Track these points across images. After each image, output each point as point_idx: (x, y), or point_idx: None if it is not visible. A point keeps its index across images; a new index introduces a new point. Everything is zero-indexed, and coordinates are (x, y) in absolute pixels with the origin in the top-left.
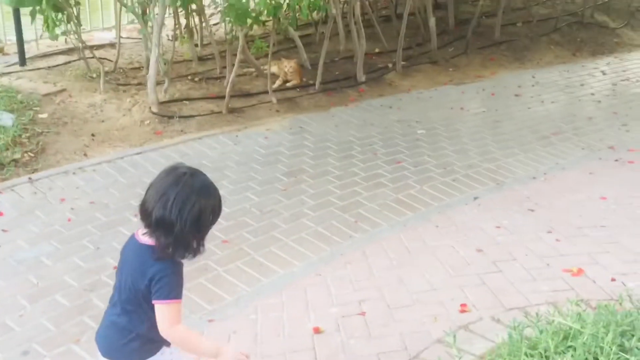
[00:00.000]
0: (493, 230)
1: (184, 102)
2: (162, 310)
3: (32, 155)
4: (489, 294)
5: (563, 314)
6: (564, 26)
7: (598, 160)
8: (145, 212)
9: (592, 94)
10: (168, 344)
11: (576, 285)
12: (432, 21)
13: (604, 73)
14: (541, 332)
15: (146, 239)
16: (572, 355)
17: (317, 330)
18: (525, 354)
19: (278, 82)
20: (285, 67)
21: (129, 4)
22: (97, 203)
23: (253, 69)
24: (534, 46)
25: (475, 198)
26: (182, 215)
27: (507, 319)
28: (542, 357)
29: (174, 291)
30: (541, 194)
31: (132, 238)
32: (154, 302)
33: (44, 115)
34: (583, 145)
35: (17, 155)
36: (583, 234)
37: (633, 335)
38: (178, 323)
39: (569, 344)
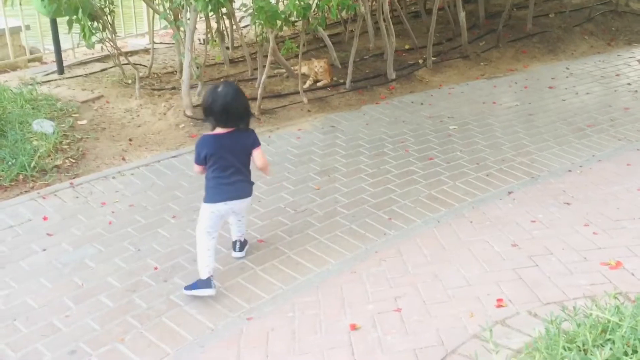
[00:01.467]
0: (528, 225)
1: None
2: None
3: (72, 161)
4: (526, 288)
5: (601, 307)
6: (598, 15)
7: (635, 151)
8: (220, 117)
9: (629, 84)
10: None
11: (614, 278)
12: (462, 15)
13: None
14: (579, 325)
15: (224, 130)
16: (610, 349)
17: (353, 327)
18: (563, 348)
19: (309, 82)
20: (316, 67)
21: (162, 10)
22: (136, 206)
23: (284, 70)
24: (568, 37)
25: (510, 192)
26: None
27: (544, 313)
28: (580, 350)
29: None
30: (577, 186)
31: (215, 135)
32: (254, 150)
33: (83, 122)
34: (620, 137)
35: (59, 162)
36: (621, 227)
37: None
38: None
39: (608, 337)
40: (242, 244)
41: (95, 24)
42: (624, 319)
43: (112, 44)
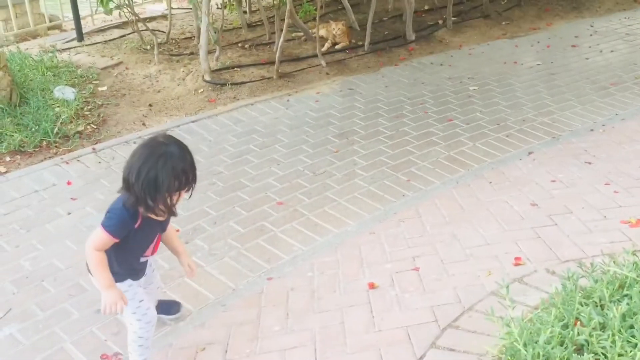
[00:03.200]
0: (548, 184)
1: (235, 69)
2: (95, 233)
3: (94, 126)
4: (544, 247)
5: (619, 263)
6: None
7: None
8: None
9: None
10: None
11: (634, 236)
12: None
13: None
14: (596, 281)
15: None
16: (627, 304)
17: (372, 286)
18: (580, 303)
19: (327, 45)
20: (334, 30)
21: None
22: None
23: (302, 33)
24: None
25: (530, 153)
26: (139, 178)
27: (562, 271)
28: (596, 306)
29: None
30: (599, 145)
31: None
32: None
33: (104, 88)
34: None
35: (81, 128)
36: None
37: None
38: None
39: (625, 292)
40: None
41: None
42: None
43: (130, 10)
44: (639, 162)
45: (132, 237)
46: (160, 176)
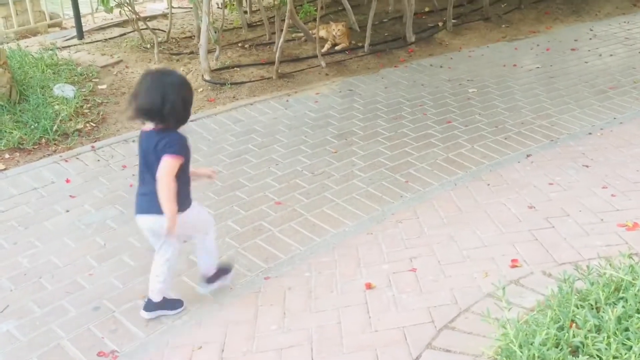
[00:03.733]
0: (546, 187)
1: (235, 69)
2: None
3: (93, 124)
4: (541, 249)
5: (615, 266)
6: None
7: None
8: (141, 110)
9: None
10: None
11: (631, 239)
12: None
13: None
14: (592, 284)
15: (149, 126)
16: (623, 306)
17: (369, 286)
18: (575, 306)
19: (327, 46)
20: (334, 31)
21: None
22: None
23: (302, 34)
24: None
25: (528, 155)
26: (175, 102)
27: (558, 273)
28: (592, 308)
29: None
30: (597, 149)
31: (142, 131)
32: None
33: (103, 86)
34: None
35: (80, 125)
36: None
37: None
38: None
39: (621, 295)
40: (208, 279)
41: None
42: (637, 277)
43: (130, 8)
44: (636, 165)
45: (185, 162)
46: (187, 95)
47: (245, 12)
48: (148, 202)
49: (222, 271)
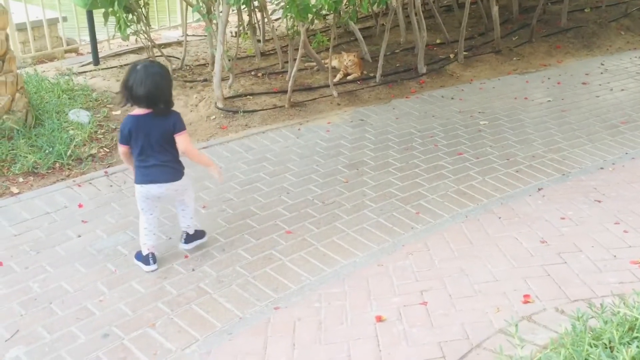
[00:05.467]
0: (557, 222)
1: (248, 97)
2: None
3: (107, 150)
4: (553, 285)
5: (629, 305)
6: (634, 11)
7: None
8: (140, 97)
9: None
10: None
11: None
12: (495, 10)
13: None
14: (606, 322)
15: (143, 111)
16: (637, 346)
17: (379, 319)
18: (589, 345)
19: (339, 76)
20: (346, 61)
21: (195, 3)
22: None
23: (314, 63)
24: (603, 32)
25: (540, 189)
26: (165, 88)
27: (571, 310)
28: (606, 347)
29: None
30: (609, 184)
31: (134, 116)
32: (176, 135)
33: (117, 112)
34: None
35: (94, 151)
36: None
37: None
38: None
39: (635, 335)
40: (189, 237)
41: (130, 16)
42: None
43: (146, 36)
44: None
45: None
46: (170, 81)
47: (259, 41)
48: (172, 173)
49: (199, 234)
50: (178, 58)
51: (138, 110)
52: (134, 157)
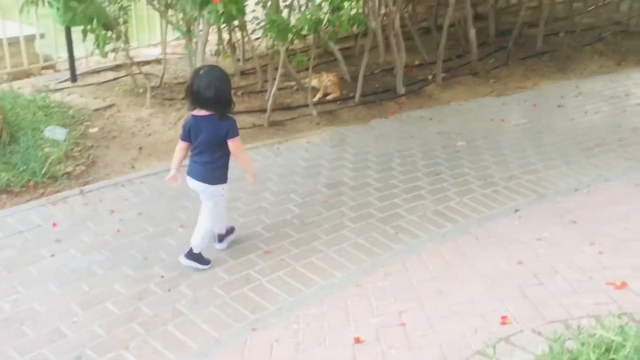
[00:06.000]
0: (534, 243)
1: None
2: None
3: (83, 168)
4: (530, 306)
5: (605, 326)
6: (608, 35)
7: None
8: (201, 98)
9: (638, 104)
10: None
11: (619, 298)
12: (472, 32)
13: None
14: (582, 344)
15: (204, 112)
16: None
17: (357, 340)
18: None
19: (318, 95)
20: (325, 81)
21: (175, 21)
22: (144, 214)
23: (294, 83)
24: (578, 56)
25: (516, 210)
26: (226, 92)
27: (548, 332)
28: None
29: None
30: (584, 206)
31: (195, 116)
32: (229, 140)
33: (94, 130)
34: (628, 157)
35: (70, 169)
36: (627, 247)
37: None
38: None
39: (611, 356)
40: (221, 236)
41: (109, 33)
42: (627, 339)
43: (125, 53)
44: (623, 223)
45: None
46: (229, 84)
47: (238, 60)
48: (204, 174)
49: (230, 231)
50: (157, 76)
51: (199, 111)
52: (190, 151)
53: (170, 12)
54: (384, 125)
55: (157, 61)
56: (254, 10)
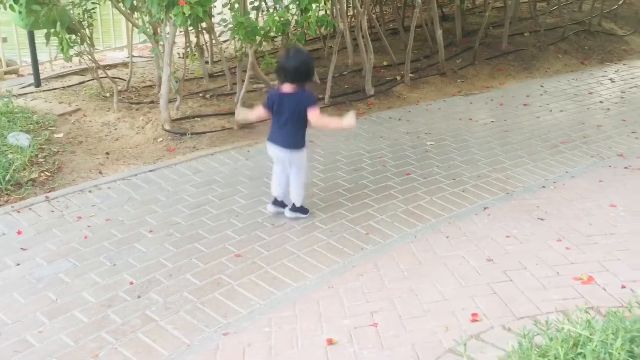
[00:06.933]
0: (503, 240)
1: (196, 119)
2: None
3: (48, 174)
4: (500, 303)
5: (573, 321)
6: (571, 35)
7: (607, 168)
8: (290, 74)
9: (601, 102)
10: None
11: (586, 293)
12: (439, 33)
13: (612, 81)
14: (551, 339)
15: (289, 88)
16: None
17: (330, 342)
18: None
19: None
20: None
21: (141, 24)
22: (112, 220)
23: (263, 85)
24: (542, 55)
25: (485, 208)
26: (312, 68)
27: (517, 328)
28: None
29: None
30: (551, 202)
31: (280, 92)
32: (308, 109)
33: (60, 135)
34: (592, 154)
35: (34, 175)
36: (593, 242)
37: None
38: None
39: (579, 350)
40: (294, 207)
41: (74, 37)
42: (594, 333)
43: (90, 57)
44: (588, 219)
45: None
46: (313, 63)
47: (207, 63)
48: (286, 141)
49: (303, 209)
50: (123, 79)
51: (286, 88)
52: (272, 118)
53: (136, 14)
54: None
55: (124, 64)
56: (221, 12)
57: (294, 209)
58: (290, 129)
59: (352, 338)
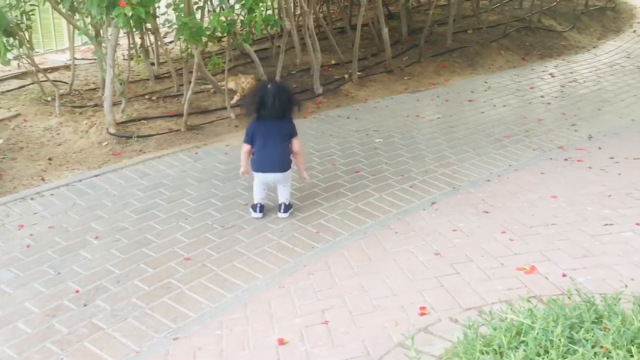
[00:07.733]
0: (450, 234)
1: (142, 121)
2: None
3: None
4: (447, 295)
5: (515, 310)
6: (513, 31)
7: (549, 160)
8: (274, 107)
9: (542, 97)
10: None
11: (529, 282)
12: (385, 31)
13: (552, 76)
14: (495, 329)
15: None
16: (524, 350)
17: (281, 342)
18: (480, 352)
19: (236, 98)
20: (243, 83)
21: (82, 26)
22: (56, 227)
23: (210, 86)
24: (485, 52)
25: (433, 203)
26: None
27: (464, 319)
28: (496, 353)
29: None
30: (495, 195)
31: (264, 121)
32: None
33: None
34: (534, 147)
35: None
36: (535, 233)
37: (581, 327)
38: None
39: (522, 339)
40: (285, 207)
41: (12, 40)
42: (536, 321)
43: (29, 60)
44: (531, 210)
45: None
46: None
47: (153, 64)
48: (282, 165)
49: (290, 206)
50: (66, 83)
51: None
52: (257, 149)
53: (77, 16)
54: (302, 125)
55: (66, 67)
56: (165, 13)
57: (287, 208)
58: (282, 152)
59: (303, 337)
